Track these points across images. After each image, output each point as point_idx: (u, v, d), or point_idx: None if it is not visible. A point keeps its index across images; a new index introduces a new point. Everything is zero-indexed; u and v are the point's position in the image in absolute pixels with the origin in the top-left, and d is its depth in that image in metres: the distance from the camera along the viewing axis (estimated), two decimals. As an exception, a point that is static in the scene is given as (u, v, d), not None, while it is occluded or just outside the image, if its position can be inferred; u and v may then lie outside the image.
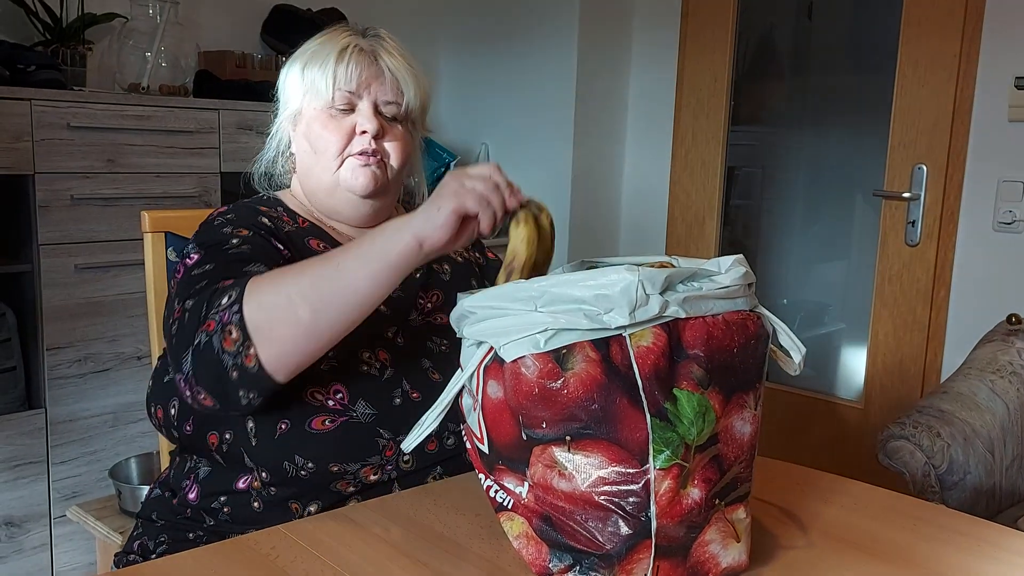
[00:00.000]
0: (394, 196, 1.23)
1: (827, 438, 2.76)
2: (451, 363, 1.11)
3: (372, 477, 1.02)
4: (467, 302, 0.80)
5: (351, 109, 1.14)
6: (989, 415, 1.88)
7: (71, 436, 2.25)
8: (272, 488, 1.01)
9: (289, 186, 1.25)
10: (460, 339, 0.84)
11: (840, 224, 2.93)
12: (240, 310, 0.91)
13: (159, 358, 1.18)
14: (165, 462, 1.30)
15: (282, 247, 1.10)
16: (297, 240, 1.14)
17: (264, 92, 2.49)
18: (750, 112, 3.05)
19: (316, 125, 1.14)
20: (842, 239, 2.93)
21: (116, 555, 1.15)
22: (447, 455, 1.08)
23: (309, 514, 1.02)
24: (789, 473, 1.08)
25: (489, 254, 1.37)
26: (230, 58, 2.65)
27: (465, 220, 0.93)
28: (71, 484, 2.26)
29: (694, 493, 0.74)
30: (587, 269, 0.84)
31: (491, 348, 0.77)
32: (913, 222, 2.52)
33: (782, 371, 0.84)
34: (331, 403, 1.01)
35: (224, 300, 0.93)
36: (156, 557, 1.08)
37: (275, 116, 1.22)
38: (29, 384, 2.25)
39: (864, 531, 0.93)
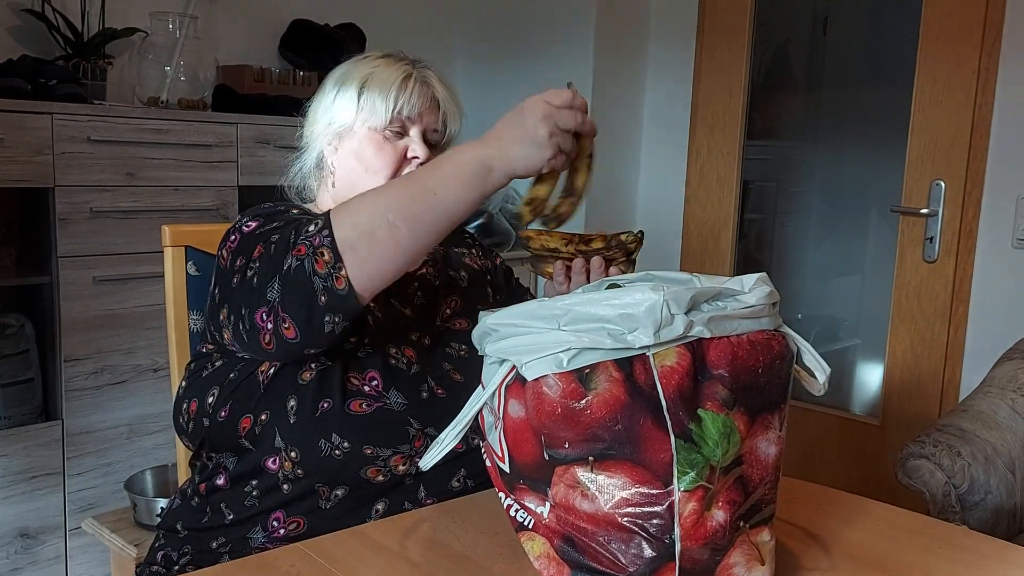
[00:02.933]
0: None
1: (843, 455, 2.74)
2: (470, 366, 1.14)
3: (401, 468, 1.04)
4: (490, 320, 0.80)
5: (403, 133, 1.20)
6: (1010, 434, 1.86)
7: (87, 448, 2.26)
8: (299, 470, 1.03)
9: (315, 200, 1.27)
10: (481, 354, 0.84)
11: (855, 239, 2.91)
12: (331, 232, 0.94)
13: (188, 363, 1.18)
14: (181, 474, 1.30)
15: None
16: None
17: (282, 106, 2.54)
18: (765, 127, 3.05)
19: (370, 146, 1.19)
20: (857, 254, 2.92)
21: (138, 567, 1.15)
22: (472, 454, 1.09)
23: (335, 498, 1.04)
24: (810, 493, 1.07)
25: (497, 259, 1.40)
26: (248, 72, 2.67)
27: None
28: (87, 496, 2.27)
29: (718, 515, 0.73)
30: (608, 288, 0.83)
31: (513, 366, 0.77)
32: (931, 238, 2.51)
33: (796, 388, 0.83)
34: (367, 388, 1.05)
35: (311, 228, 0.96)
36: (179, 568, 1.09)
37: (308, 128, 1.25)
38: (46, 396, 2.26)
39: (887, 553, 0.92)
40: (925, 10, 2.48)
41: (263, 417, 1.04)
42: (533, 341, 0.75)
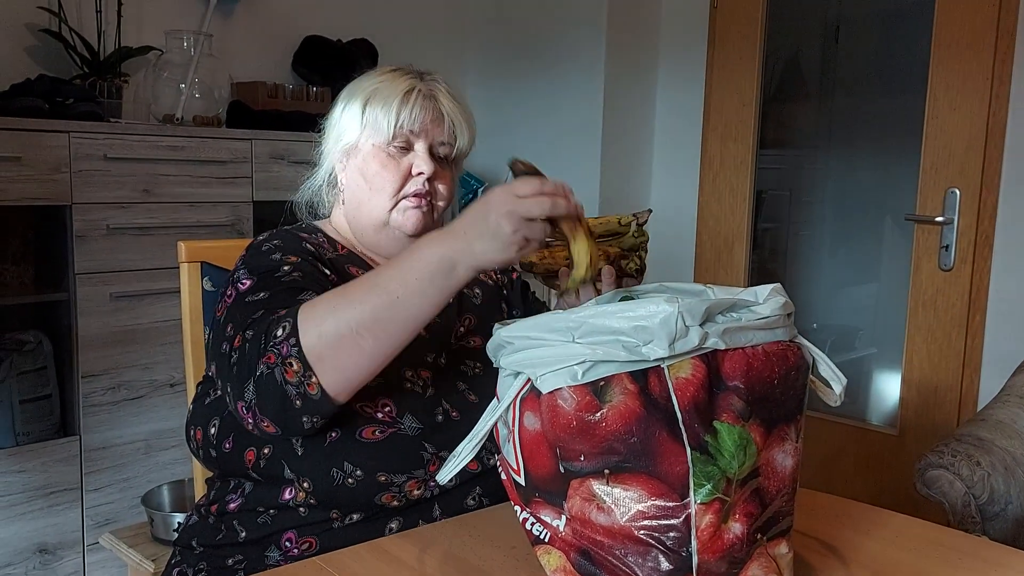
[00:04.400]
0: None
1: (861, 466, 2.72)
2: (485, 385, 1.14)
3: (416, 492, 1.04)
4: (504, 332, 0.80)
5: (408, 148, 1.18)
6: (1030, 443, 1.84)
7: (104, 463, 2.27)
8: (313, 499, 1.02)
9: (329, 216, 1.27)
10: (495, 366, 0.83)
11: (870, 248, 2.90)
12: (297, 342, 0.93)
13: (198, 384, 1.19)
14: (199, 489, 1.30)
15: (328, 271, 1.13)
16: (339, 266, 1.17)
17: (296, 122, 2.55)
18: (778, 136, 3.04)
19: (375, 163, 1.17)
20: (872, 263, 2.91)
21: None
22: (488, 474, 1.09)
23: (350, 520, 1.03)
24: (827, 505, 1.07)
25: (514, 275, 1.39)
26: (262, 89, 2.69)
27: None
28: (104, 511, 2.28)
29: (736, 528, 0.73)
30: (622, 300, 0.83)
31: (528, 379, 0.77)
32: (947, 246, 2.49)
33: (812, 398, 0.83)
34: (380, 415, 1.04)
35: (279, 332, 0.94)
36: (195, 585, 1.09)
37: (321, 146, 1.25)
38: (64, 412, 2.27)
39: (906, 565, 0.91)
40: (937, 17, 2.47)
41: (266, 451, 1.04)
42: (548, 354, 0.75)
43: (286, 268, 1.08)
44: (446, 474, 0.82)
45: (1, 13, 2.37)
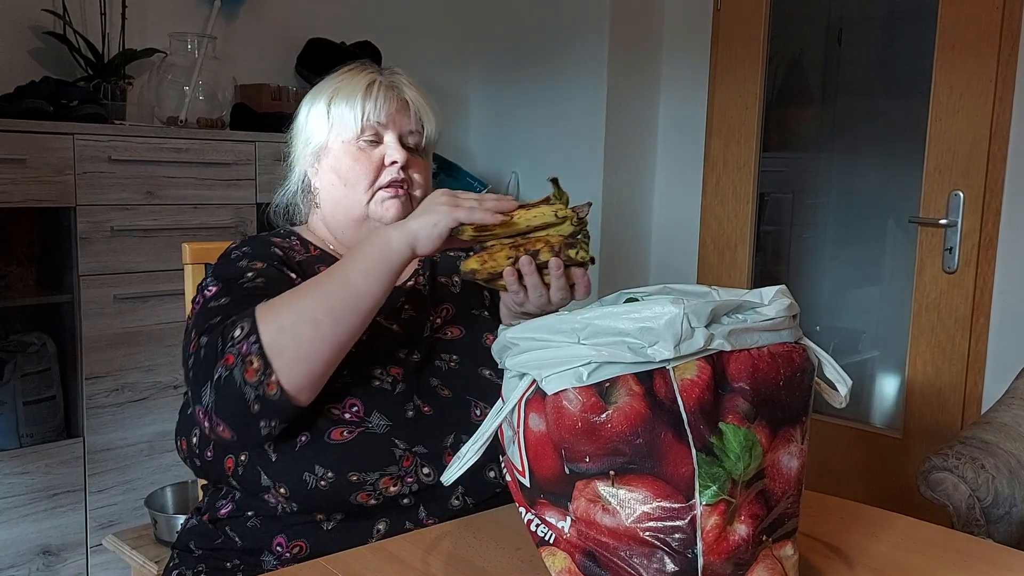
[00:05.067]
0: None
1: (864, 469, 2.71)
2: (460, 378, 1.14)
3: (392, 488, 1.03)
4: (509, 334, 0.80)
5: (378, 141, 1.19)
6: (1034, 446, 1.84)
7: (108, 465, 2.28)
8: (294, 504, 1.03)
9: (306, 222, 1.28)
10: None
11: (873, 250, 2.90)
12: (258, 339, 0.95)
13: (184, 392, 1.20)
14: (201, 491, 1.30)
15: (294, 275, 1.14)
16: (307, 267, 1.18)
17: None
18: (781, 138, 3.04)
19: (346, 159, 1.18)
20: (875, 265, 2.91)
21: None
22: (469, 472, 1.07)
23: (335, 521, 1.04)
24: (832, 507, 1.06)
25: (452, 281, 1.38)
26: (266, 91, 2.69)
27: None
28: (108, 513, 2.28)
29: (741, 529, 0.73)
30: (627, 301, 0.83)
31: (533, 381, 0.77)
32: (950, 249, 2.49)
33: (816, 400, 0.82)
34: (347, 416, 1.04)
35: (237, 332, 0.96)
36: (194, 586, 1.09)
37: (290, 152, 1.26)
38: (68, 413, 2.28)
39: (911, 567, 0.91)
40: (941, 19, 2.47)
41: (243, 458, 1.04)
42: (553, 355, 0.75)
43: (250, 275, 1.10)
44: (450, 476, 0.82)
45: (5, 15, 2.37)
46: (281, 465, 1.02)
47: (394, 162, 1.17)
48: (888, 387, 2.81)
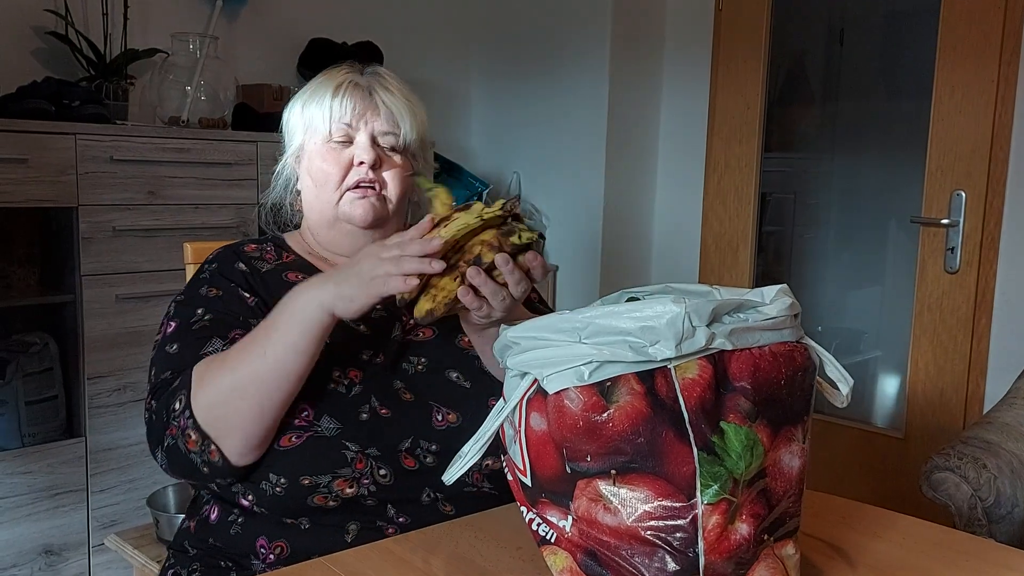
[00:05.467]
0: (396, 226, 1.23)
1: (866, 469, 2.71)
2: (424, 382, 1.12)
3: (348, 490, 1.03)
4: (510, 333, 0.80)
5: (349, 142, 1.18)
6: (1036, 446, 1.84)
7: (110, 464, 2.28)
8: (263, 508, 1.04)
9: (299, 227, 1.28)
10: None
11: (875, 251, 2.90)
12: (192, 415, 0.98)
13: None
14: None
15: (249, 296, 1.13)
16: (271, 278, 1.16)
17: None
18: (782, 139, 3.04)
19: (317, 159, 1.18)
20: (877, 266, 2.90)
21: None
22: (434, 472, 1.06)
23: (303, 527, 1.04)
24: (834, 507, 1.06)
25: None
26: (268, 91, 2.70)
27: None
28: (110, 512, 2.28)
29: (742, 528, 0.73)
30: (629, 300, 0.83)
31: (535, 380, 0.77)
32: (952, 249, 2.49)
33: (818, 400, 0.82)
34: (297, 421, 1.05)
35: (177, 405, 1.00)
36: (189, 583, 1.10)
37: (280, 154, 1.26)
38: (70, 413, 2.28)
39: (913, 566, 0.91)
40: (943, 19, 2.47)
41: None
42: (554, 354, 0.75)
43: (199, 312, 1.11)
44: (451, 475, 0.82)
45: (7, 16, 2.38)
46: (215, 466, 1.03)
47: (362, 162, 1.15)
48: (890, 387, 2.81)
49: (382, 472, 1.05)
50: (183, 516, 1.20)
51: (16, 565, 2.15)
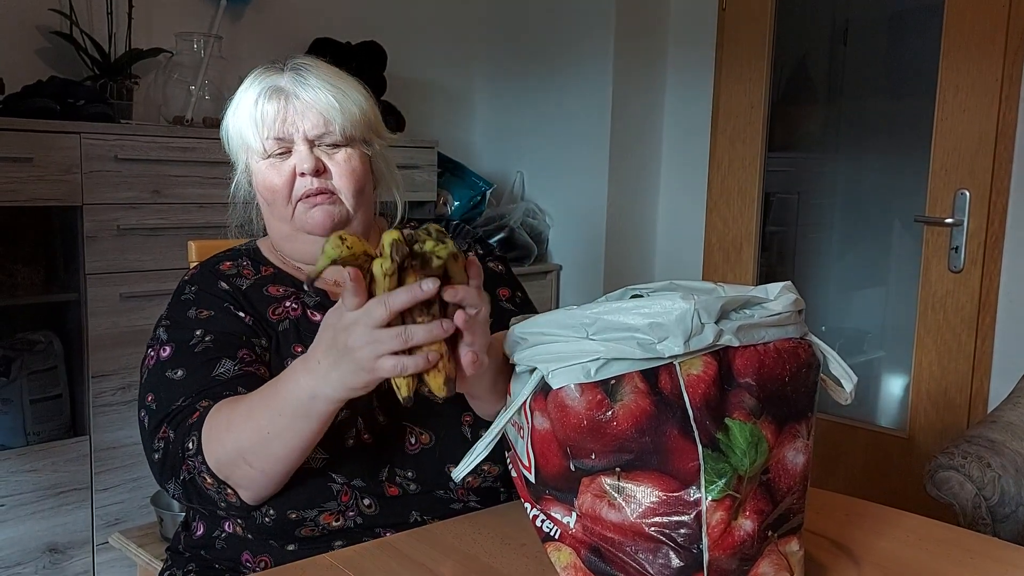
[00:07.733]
0: (364, 218, 1.16)
1: (870, 468, 2.71)
2: (394, 400, 0.88)
3: (335, 524, 1.02)
4: (519, 328, 0.80)
5: (288, 151, 1.10)
6: (1040, 445, 1.84)
7: (114, 463, 2.28)
8: (249, 535, 1.05)
9: (266, 234, 1.23)
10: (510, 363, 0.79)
11: (879, 250, 2.89)
12: (204, 461, 0.96)
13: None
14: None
15: (244, 314, 1.10)
16: (253, 295, 1.12)
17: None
18: (786, 138, 3.04)
19: (260, 177, 1.13)
20: (881, 265, 2.90)
21: None
22: (420, 492, 1.06)
23: (289, 552, 1.04)
24: (838, 504, 1.06)
25: (499, 266, 1.26)
26: (271, 90, 2.69)
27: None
28: (114, 511, 2.28)
29: (746, 525, 0.73)
30: (632, 298, 0.83)
31: (542, 377, 0.77)
32: (956, 248, 2.49)
33: (822, 399, 0.82)
34: None
35: (191, 445, 0.97)
36: (186, 584, 1.11)
37: (233, 170, 1.21)
38: (74, 411, 2.28)
39: (917, 564, 0.91)
40: (947, 18, 2.47)
41: None
42: (561, 349, 0.75)
43: (199, 332, 1.06)
44: (460, 472, 0.81)
45: (12, 15, 2.38)
46: (232, 504, 1.01)
47: (303, 173, 1.09)
48: (894, 387, 2.80)
49: (366, 502, 1.04)
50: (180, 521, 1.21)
51: (20, 563, 2.15)
